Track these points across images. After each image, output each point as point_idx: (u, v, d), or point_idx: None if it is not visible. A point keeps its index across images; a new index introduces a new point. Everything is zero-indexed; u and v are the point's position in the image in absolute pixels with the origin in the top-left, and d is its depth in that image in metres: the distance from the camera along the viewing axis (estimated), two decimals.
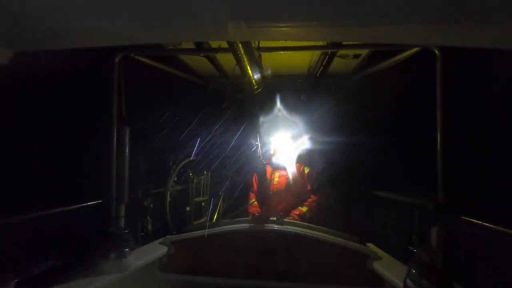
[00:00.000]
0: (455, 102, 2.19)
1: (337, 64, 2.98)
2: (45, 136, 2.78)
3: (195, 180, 3.69)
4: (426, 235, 1.88)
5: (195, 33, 1.18)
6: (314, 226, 2.32)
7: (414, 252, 1.71)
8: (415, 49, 2.20)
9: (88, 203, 2.36)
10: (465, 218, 1.96)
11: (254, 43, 2.06)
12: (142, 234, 2.92)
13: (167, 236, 2.33)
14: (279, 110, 3.31)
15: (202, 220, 3.81)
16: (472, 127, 2.81)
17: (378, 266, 2.00)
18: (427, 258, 1.58)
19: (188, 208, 3.59)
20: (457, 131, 2.23)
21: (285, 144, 3.31)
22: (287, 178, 3.20)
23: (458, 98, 2.41)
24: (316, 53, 2.85)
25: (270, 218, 2.31)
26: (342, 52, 2.67)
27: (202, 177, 3.84)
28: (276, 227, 2.23)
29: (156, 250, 2.19)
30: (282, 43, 2.31)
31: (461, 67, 2.20)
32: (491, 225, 1.86)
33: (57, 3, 0.98)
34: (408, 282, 1.61)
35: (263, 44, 2.29)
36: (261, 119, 3.40)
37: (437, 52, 1.93)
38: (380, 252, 2.17)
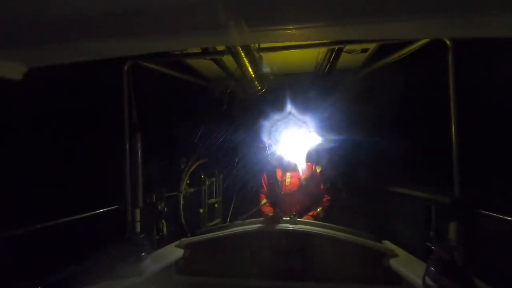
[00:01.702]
0: (470, 92, 2.12)
1: (344, 59, 2.93)
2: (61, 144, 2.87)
3: (207, 182, 3.72)
4: (444, 231, 1.84)
5: (199, 40, 1.19)
6: (329, 224, 2.30)
7: (432, 249, 1.67)
8: (426, 40, 2.15)
9: (104, 209, 2.41)
10: (484, 212, 1.90)
11: (254, 45, 2.05)
12: (158, 237, 2.97)
13: (182, 239, 2.36)
14: (287, 109, 3.29)
15: (216, 221, 3.85)
16: (489, 119, 2.71)
17: (395, 263, 1.96)
18: (446, 255, 1.54)
19: (201, 210, 3.63)
20: (473, 123, 2.16)
21: (295, 144, 3.29)
22: (299, 179, 3.18)
23: (473, 88, 2.33)
24: (322, 50, 2.82)
25: (284, 218, 2.30)
26: (349, 47, 2.63)
27: (214, 178, 3.88)
28: (290, 227, 2.22)
29: (172, 253, 2.23)
30: (284, 42, 2.29)
31: (474, 56, 2.13)
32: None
33: (68, 19, 1.01)
34: (427, 279, 1.58)
35: (264, 44, 2.27)
36: (269, 119, 3.39)
37: (448, 42, 1.88)
38: (397, 249, 2.14)
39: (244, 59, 2.04)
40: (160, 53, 2.51)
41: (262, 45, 2.33)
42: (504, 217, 1.79)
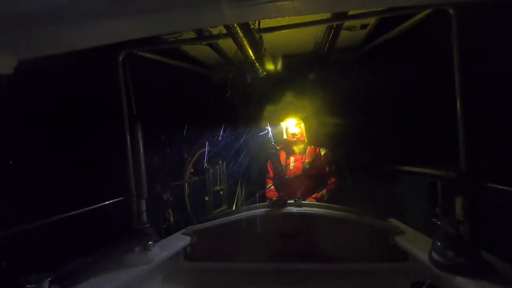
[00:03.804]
0: (474, 64, 2.05)
1: (344, 37, 2.85)
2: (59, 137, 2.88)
3: (211, 170, 3.74)
4: (450, 207, 1.82)
5: (191, 19, 1.14)
6: (333, 205, 2.30)
7: (438, 225, 1.66)
8: (427, 12, 2.06)
9: (110, 201, 2.43)
10: (490, 185, 1.87)
11: (253, 25, 1.99)
12: (165, 226, 3.01)
13: (189, 227, 2.38)
14: (288, 92, 3.23)
15: (222, 208, 3.88)
16: (494, 91, 2.64)
17: (401, 240, 1.96)
18: (452, 229, 1.53)
19: (207, 198, 3.66)
20: (478, 96, 2.10)
21: (297, 127, 3.25)
22: (303, 163, 3.16)
23: (477, 60, 2.25)
24: (321, 29, 2.73)
25: (288, 201, 2.30)
26: (348, 23, 2.54)
27: (218, 166, 3.88)
28: (294, 209, 2.22)
29: (180, 240, 2.25)
30: (283, 21, 2.22)
31: (478, 26, 2.04)
32: None
33: (56, 7, 0.98)
34: (434, 254, 1.58)
35: (263, 24, 2.21)
36: (270, 102, 3.34)
37: (451, 11, 1.80)
38: (402, 226, 2.13)
39: (243, 39, 1.98)
40: (154, 40, 2.46)
41: (262, 26, 2.27)
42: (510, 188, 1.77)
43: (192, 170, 3.59)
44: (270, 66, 2.75)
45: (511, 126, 2.67)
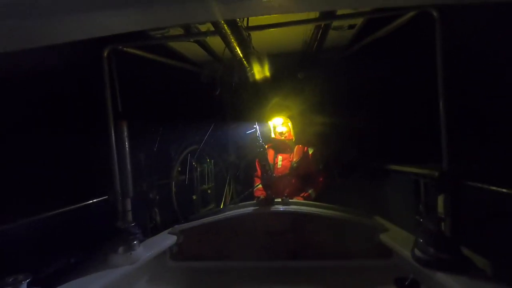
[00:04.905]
0: (457, 65, 2.10)
1: (332, 37, 2.87)
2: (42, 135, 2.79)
3: (198, 169, 3.71)
4: (433, 204, 1.87)
5: (177, 15, 1.12)
6: (320, 204, 2.32)
7: (421, 222, 1.70)
8: (412, 13, 2.10)
9: (94, 200, 2.38)
10: (470, 183, 1.94)
11: (241, 22, 1.98)
12: (152, 226, 2.96)
13: (175, 226, 2.35)
14: (276, 91, 3.24)
15: (210, 207, 3.86)
16: (475, 91, 2.72)
17: (385, 237, 2.00)
18: (434, 226, 1.57)
19: (194, 197, 3.63)
20: (460, 96, 2.16)
21: (285, 126, 3.26)
22: (291, 162, 3.18)
23: (460, 61, 2.32)
24: (310, 28, 2.75)
25: (276, 200, 2.31)
26: (336, 23, 2.56)
27: (205, 165, 3.86)
28: (281, 208, 2.23)
29: (165, 240, 2.22)
30: (271, 20, 2.21)
31: (461, 28, 2.10)
32: (498, 188, 1.83)
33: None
34: (416, 251, 1.61)
35: (252, 22, 2.20)
36: (259, 101, 3.34)
37: (435, 13, 1.84)
38: (387, 224, 2.18)
39: (231, 37, 1.97)
40: (141, 36, 2.41)
41: (250, 24, 2.25)
42: (490, 187, 1.83)
43: (179, 169, 3.54)
44: (258, 65, 2.75)
45: (491, 127, 2.76)
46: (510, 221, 1.87)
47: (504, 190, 1.78)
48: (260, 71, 2.86)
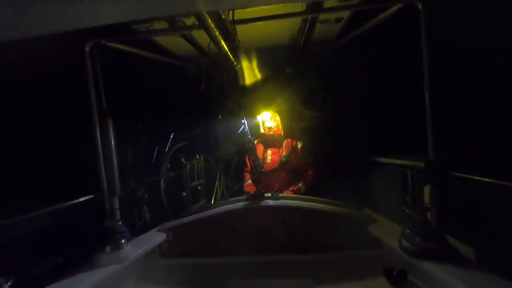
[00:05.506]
0: (443, 57, 2.13)
1: (319, 30, 2.86)
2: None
3: (188, 165, 3.67)
4: (419, 195, 1.89)
5: (160, 5, 1.09)
6: (309, 197, 2.34)
7: (408, 213, 1.73)
8: (398, 6, 2.10)
9: (80, 199, 2.32)
10: (456, 174, 1.98)
11: (226, 15, 1.94)
12: (141, 224, 2.92)
13: (165, 223, 2.33)
14: (264, 85, 3.21)
15: (200, 203, 3.83)
16: (461, 83, 2.77)
17: (374, 229, 2.03)
18: (420, 217, 1.59)
19: (184, 194, 3.60)
20: (446, 88, 2.19)
21: (273, 120, 3.26)
22: (280, 156, 3.18)
23: (445, 53, 2.34)
24: (297, 22, 2.73)
25: (265, 195, 2.31)
26: (323, 16, 2.55)
27: (195, 161, 3.82)
28: (271, 202, 2.23)
29: (155, 237, 2.20)
30: (257, 13, 2.18)
31: (445, 20, 2.12)
32: (482, 179, 1.88)
33: None
34: (403, 241, 1.64)
35: (237, 16, 2.16)
36: (247, 96, 3.31)
37: (420, 6, 1.85)
38: (375, 215, 2.21)
39: (215, 30, 1.93)
40: (125, 30, 2.34)
41: (236, 17, 2.21)
42: (474, 177, 1.87)
43: (168, 165, 3.50)
44: (246, 60, 2.72)
45: (476, 119, 2.82)
46: (493, 210, 1.92)
47: (487, 179, 1.82)
48: (248, 66, 2.82)
